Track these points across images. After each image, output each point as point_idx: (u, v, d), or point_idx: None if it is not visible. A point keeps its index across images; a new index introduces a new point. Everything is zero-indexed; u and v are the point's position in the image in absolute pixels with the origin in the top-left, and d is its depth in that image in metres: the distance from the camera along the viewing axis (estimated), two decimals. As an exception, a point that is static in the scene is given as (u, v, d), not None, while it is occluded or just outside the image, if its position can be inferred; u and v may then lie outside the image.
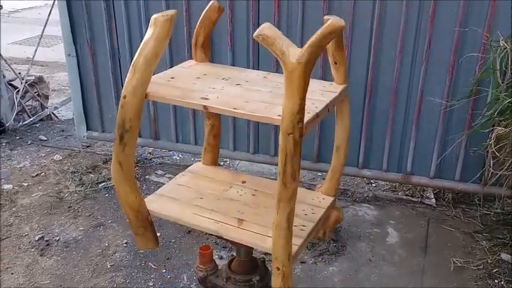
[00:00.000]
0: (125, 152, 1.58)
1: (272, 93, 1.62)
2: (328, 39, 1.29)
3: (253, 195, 1.96)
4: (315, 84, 1.68)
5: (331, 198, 1.88)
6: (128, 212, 1.71)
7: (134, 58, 1.48)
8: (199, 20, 1.82)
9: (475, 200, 2.97)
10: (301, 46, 1.29)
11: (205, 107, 1.50)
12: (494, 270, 2.49)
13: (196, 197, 1.86)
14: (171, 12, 1.48)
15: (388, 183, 3.26)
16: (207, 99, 1.53)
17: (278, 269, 1.55)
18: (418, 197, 3.10)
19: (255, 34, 1.32)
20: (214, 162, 2.11)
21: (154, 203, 1.80)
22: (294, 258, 1.58)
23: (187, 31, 3.01)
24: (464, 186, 2.90)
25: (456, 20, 2.58)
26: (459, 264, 2.54)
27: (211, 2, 1.80)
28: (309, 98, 1.55)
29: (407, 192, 3.17)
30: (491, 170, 2.46)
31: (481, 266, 2.52)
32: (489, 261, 2.55)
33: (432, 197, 3.09)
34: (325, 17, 1.36)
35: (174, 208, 1.79)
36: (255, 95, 1.58)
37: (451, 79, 2.69)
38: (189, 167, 2.07)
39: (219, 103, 1.50)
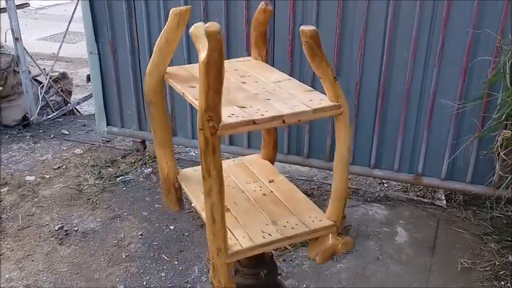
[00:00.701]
0: (153, 121, 1.84)
1: (253, 95, 1.67)
2: (212, 44, 1.33)
3: (264, 194, 2.03)
4: (302, 95, 1.64)
5: (328, 223, 1.76)
6: (159, 173, 1.99)
7: None
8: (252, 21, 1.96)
9: (486, 202, 2.98)
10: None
11: (183, 93, 1.65)
12: (501, 272, 2.51)
13: None
14: (184, 7, 1.64)
15: (400, 183, 3.29)
16: (192, 88, 1.65)
17: (208, 260, 1.67)
18: (429, 198, 3.13)
19: (190, 30, 1.50)
20: (270, 158, 2.18)
21: (184, 174, 1.99)
22: (231, 256, 1.62)
23: (204, 31, 3.09)
24: (475, 188, 2.92)
25: (470, 22, 2.59)
26: (466, 265, 2.56)
27: (261, 3, 1.91)
28: (270, 103, 1.59)
29: (418, 193, 3.20)
30: (500, 173, 2.47)
31: (488, 268, 2.54)
32: (497, 263, 2.57)
33: (443, 198, 3.11)
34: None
35: (192, 183, 1.93)
36: (238, 93, 1.66)
37: (464, 81, 2.71)
38: (245, 156, 2.20)
39: (193, 93, 1.62)
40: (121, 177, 3.40)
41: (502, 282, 2.45)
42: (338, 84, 1.57)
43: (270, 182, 2.06)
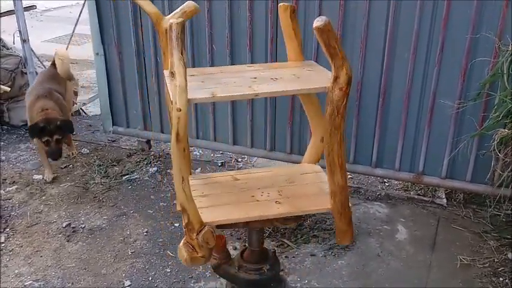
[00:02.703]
0: None
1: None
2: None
3: (256, 199, 2.16)
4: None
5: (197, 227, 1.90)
6: None
7: None
8: None
9: (486, 200, 3.02)
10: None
11: None
12: (500, 269, 2.55)
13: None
14: (287, 4, 1.97)
15: (401, 182, 3.33)
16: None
17: None
18: (430, 197, 3.17)
19: None
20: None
21: None
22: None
23: (208, 32, 3.16)
24: (475, 187, 2.96)
25: (469, 24, 2.64)
26: (465, 262, 2.60)
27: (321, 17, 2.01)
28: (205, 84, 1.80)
29: (419, 192, 3.24)
30: (499, 172, 2.52)
31: (487, 264, 2.58)
32: (495, 260, 2.61)
33: (443, 197, 3.15)
34: None
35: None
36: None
37: (463, 82, 2.76)
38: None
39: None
40: (127, 176, 3.46)
41: (501, 279, 2.49)
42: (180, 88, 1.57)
43: (276, 202, 2.18)
